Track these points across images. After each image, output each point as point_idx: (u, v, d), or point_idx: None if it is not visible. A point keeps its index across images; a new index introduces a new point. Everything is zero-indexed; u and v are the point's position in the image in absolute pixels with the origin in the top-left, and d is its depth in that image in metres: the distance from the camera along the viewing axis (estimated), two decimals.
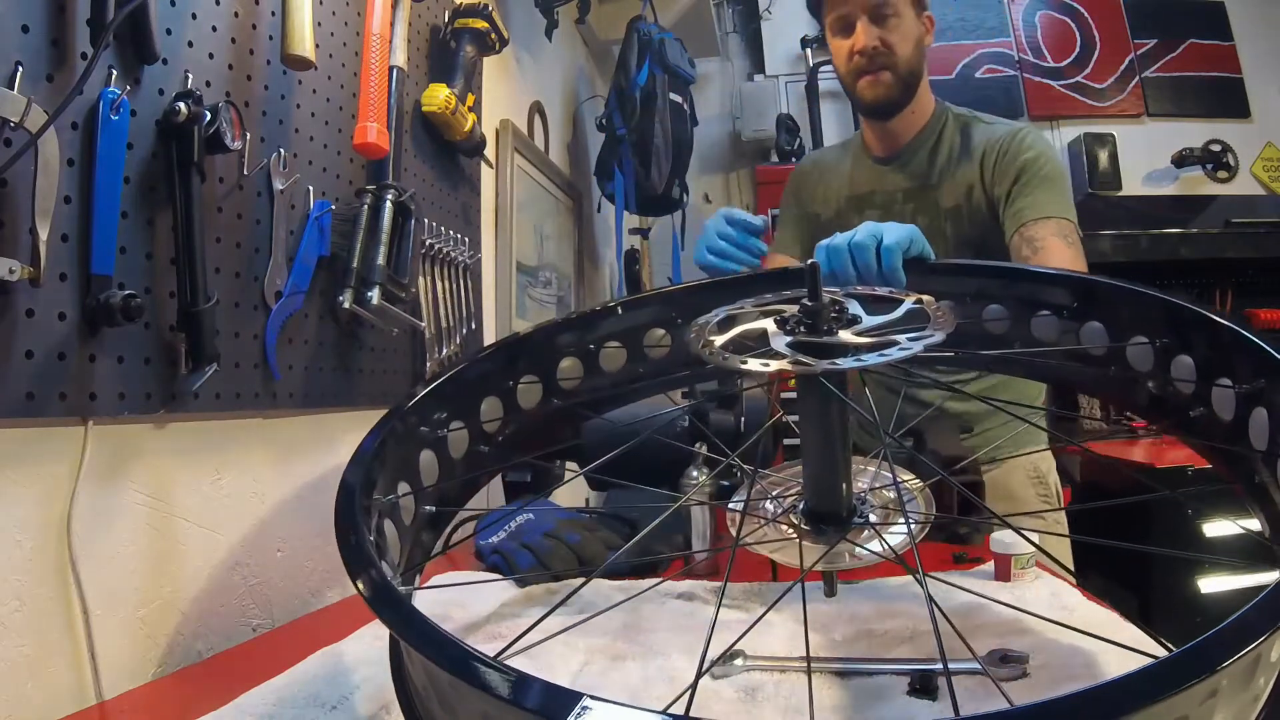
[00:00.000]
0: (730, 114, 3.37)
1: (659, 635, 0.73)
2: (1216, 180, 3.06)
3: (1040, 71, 3.16)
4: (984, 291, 0.74)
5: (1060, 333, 0.69)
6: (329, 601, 1.06)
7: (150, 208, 0.78)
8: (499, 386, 0.72)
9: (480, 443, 0.70)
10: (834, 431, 0.53)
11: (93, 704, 0.70)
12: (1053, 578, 0.87)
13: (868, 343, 0.50)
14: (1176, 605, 2.13)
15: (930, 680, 0.60)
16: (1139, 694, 0.27)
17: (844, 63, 1.27)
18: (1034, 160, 1.20)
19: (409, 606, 0.41)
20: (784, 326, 0.53)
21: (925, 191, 1.29)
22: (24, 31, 0.65)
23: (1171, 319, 0.60)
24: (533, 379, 0.74)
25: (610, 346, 0.77)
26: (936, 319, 0.54)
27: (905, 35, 1.23)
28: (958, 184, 1.26)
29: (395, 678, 0.50)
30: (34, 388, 0.66)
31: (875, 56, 1.23)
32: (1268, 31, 3.14)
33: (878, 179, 1.34)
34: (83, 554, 0.71)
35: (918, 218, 1.22)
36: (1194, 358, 0.58)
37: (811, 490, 0.56)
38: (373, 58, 1.09)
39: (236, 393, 0.90)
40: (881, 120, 1.31)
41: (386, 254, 1.08)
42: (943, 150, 1.29)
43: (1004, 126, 1.27)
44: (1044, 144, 1.24)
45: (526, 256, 1.96)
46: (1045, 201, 1.17)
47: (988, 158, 1.24)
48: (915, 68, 1.26)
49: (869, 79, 1.24)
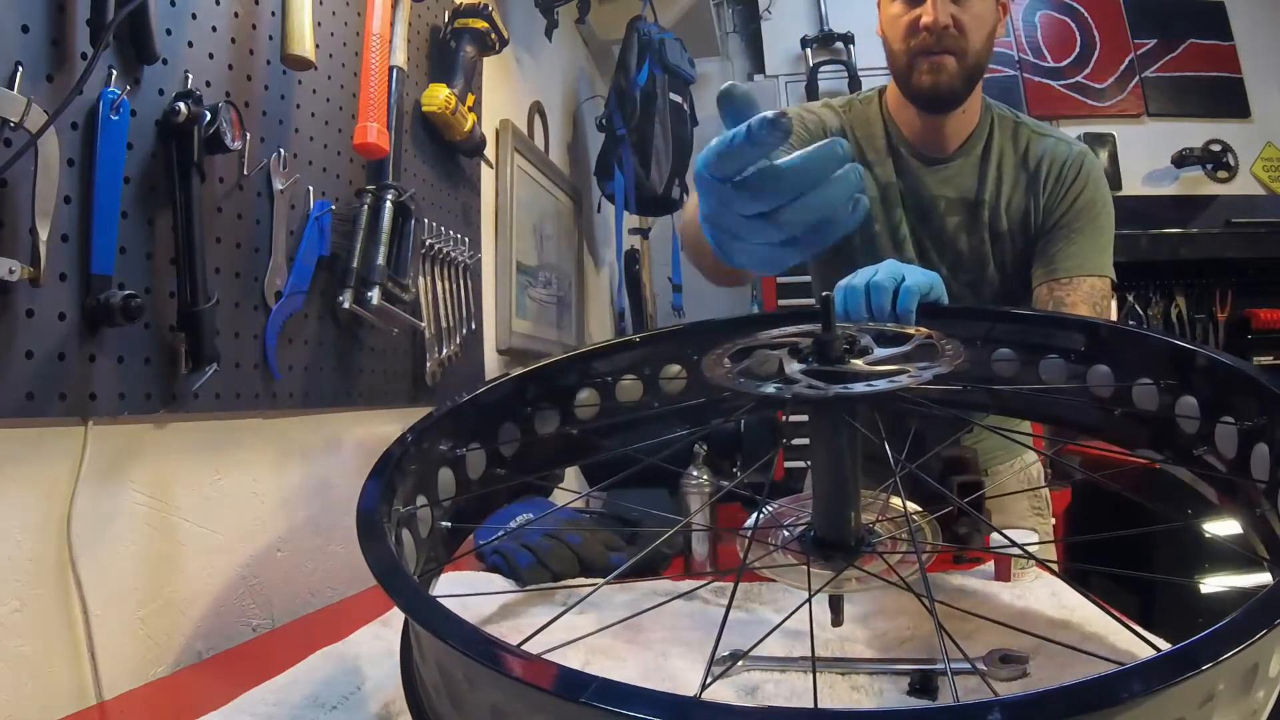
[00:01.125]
0: None
1: (659, 635, 0.74)
2: (1216, 180, 3.06)
3: (1040, 71, 3.16)
4: (993, 335, 0.74)
5: (1068, 375, 0.70)
6: (329, 601, 1.06)
7: (150, 208, 0.78)
8: (516, 413, 0.73)
9: (497, 465, 0.71)
10: (844, 459, 0.53)
11: (93, 704, 0.70)
12: (1053, 578, 0.88)
13: (879, 370, 0.51)
14: (1177, 608, 2.13)
15: (930, 680, 0.61)
16: (1131, 689, 0.28)
17: (901, 38, 1.07)
18: (1092, 202, 1.09)
19: (425, 594, 0.42)
20: (797, 356, 0.54)
21: (975, 208, 1.13)
22: (24, 31, 0.65)
23: (1176, 360, 0.61)
24: (549, 406, 0.75)
25: (627, 380, 0.78)
26: (945, 353, 0.55)
27: (981, 19, 1.06)
28: (1014, 208, 1.12)
29: (404, 676, 0.50)
30: (34, 388, 0.66)
31: (944, 37, 1.04)
32: (1268, 31, 3.14)
33: (920, 179, 1.15)
34: (83, 554, 0.71)
35: (961, 236, 1.14)
36: (1197, 397, 0.59)
37: (821, 517, 0.56)
38: (373, 58, 1.09)
39: (236, 393, 0.90)
40: (934, 113, 1.12)
41: (386, 254, 1.08)
42: (992, 160, 1.13)
43: (1065, 146, 1.13)
44: (1103, 179, 1.12)
45: (526, 256, 1.96)
46: (1088, 253, 1.08)
47: (1048, 180, 1.10)
48: (983, 60, 1.09)
49: (931, 61, 1.06)
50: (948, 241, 1.16)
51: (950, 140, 1.14)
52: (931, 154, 1.15)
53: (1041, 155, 1.12)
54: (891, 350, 0.55)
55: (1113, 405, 0.66)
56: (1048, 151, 1.12)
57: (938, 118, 1.12)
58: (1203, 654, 0.29)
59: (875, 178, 1.16)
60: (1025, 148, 1.14)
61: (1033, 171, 1.12)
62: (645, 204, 2.39)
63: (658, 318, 3.02)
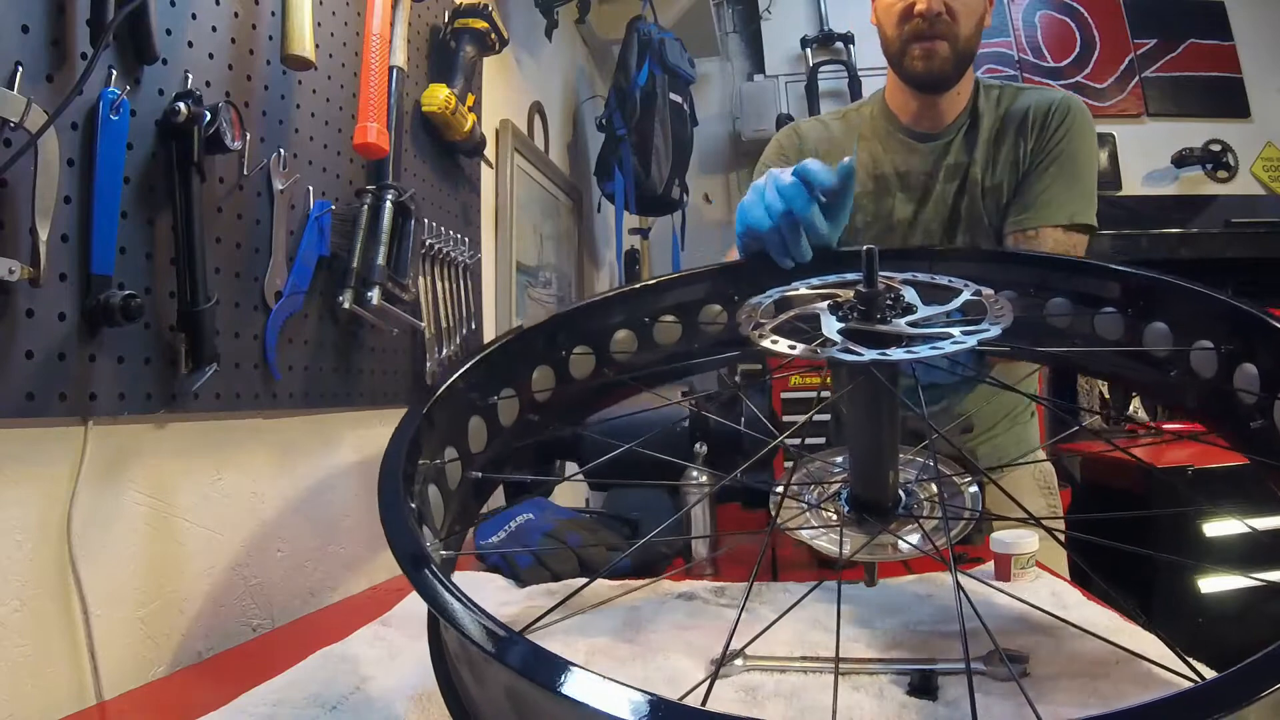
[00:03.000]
0: (730, 114, 3.37)
1: (660, 635, 0.73)
2: (1216, 180, 3.06)
3: (1040, 71, 3.16)
4: (1047, 283, 0.70)
5: (1124, 330, 0.66)
6: (329, 601, 1.06)
7: (150, 208, 0.78)
8: (552, 356, 0.72)
9: (530, 411, 0.70)
10: (882, 420, 0.52)
11: (93, 704, 0.70)
12: (1053, 578, 0.88)
13: (921, 334, 0.49)
14: (1178, 606, 2.12)
15: (930, 680, 0.60)
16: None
17: (895, 24, 1.14)
18: (1072, 146, 1.12)
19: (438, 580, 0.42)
20: (837, 312, 0.52)
21: (968, 170, 1.18)
22: (24, 31, 0.65)
23: (1239, 324, 0.57)
24: (586, 350, 0.73)
25: (665, 321, 0.76)
26: (994, 312, 0.52)
27: (971, 6, 1.13)
28: (1003, 163, 1.17)
29: (433, 653, 0.51)
30: (34, 388, 0.66)
31: (936, 23, 1.11)
32: (1268, 31, 3.14)
33: (914, 157, 1.21)
34: (83, 554, 0.71)
35: (959, 198, 1.18)
36: (1258, 366, 0.55)
37: (857, 477, 0.55)
38: (373, 58, 1.09)
39: (236, 393, 0.90)
40: (928, 94, 1.18)
41: (386, 254, 1.08)
42: (982, 125, 1.18)
43: (1050, 94, 1.17)
44: (1088, 126, 1.15)
45: (526, 256, 1.96)
46: (1060, 199, 1.10)
47: (1034, 127, 1.15)
48: (972, 45, 1.15)
49: (924, 47, 1.12)
50: (944, 209, 1.20)
51: (945, 117, 1.20)
52: (926, 132, 1.21)
53: (1027, 106, 1.17)
54: (936, 309, 0.52)
55: (1168, 366, 0.61)
56: (1033, 102, 1.17)
57: (933, 98, 1.19)
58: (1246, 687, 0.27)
59: (875, 156, 1.22)
60: (1011, 104, 1.19)
61: (1019, 122, 1.16)
62: (645, 204, 2.39)
63: None
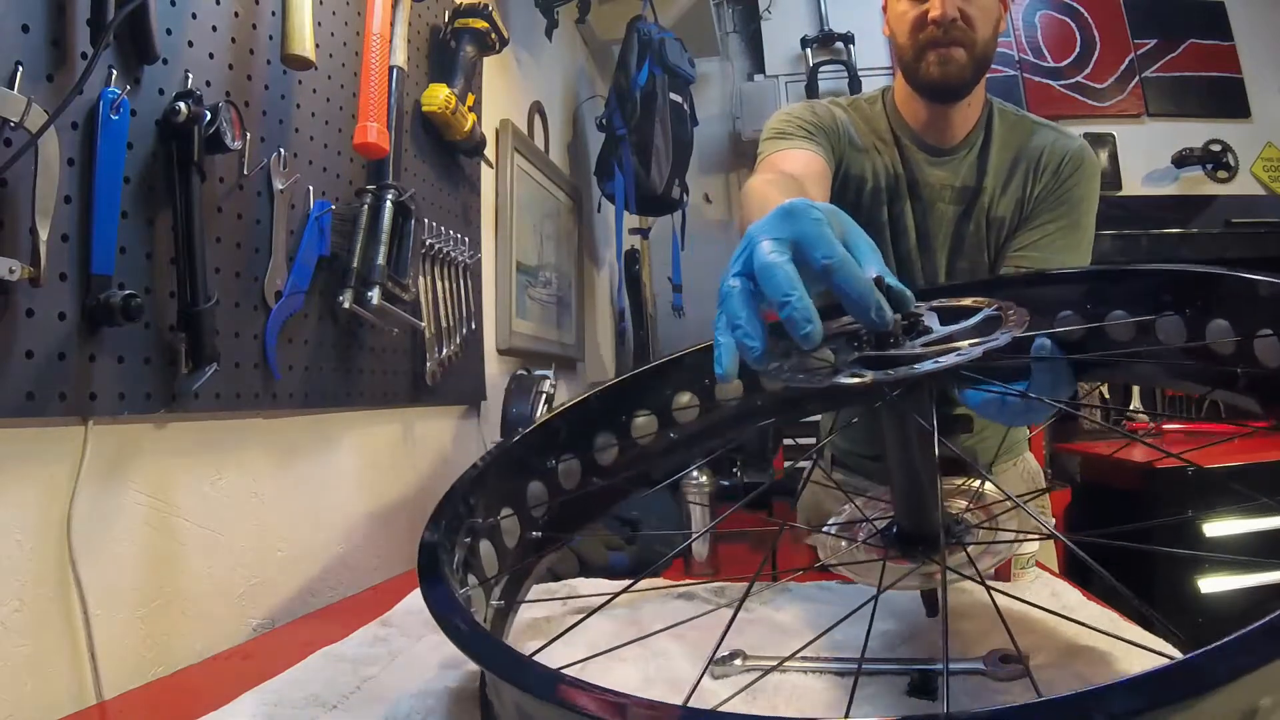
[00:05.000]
0: (730, 114, 3.37)
1: (660, 635, 0.73)
2: (1216, 180, 3.06)
3: (1040, 71, 3.16)
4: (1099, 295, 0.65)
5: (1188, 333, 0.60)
6: (329, 601, 1.06)
7: (150, 208, 0.78)
8: (612, 421, 0.72)
9: (592, 474, 0.71)
10: (911, 447, 0.50)
11: (93, 704, 0.70)
12: (1053, 578, 0.88)
13: (929, 351, 0.47)
14: (1178, 606, 2.13)
15: (930, 680, 0.60)
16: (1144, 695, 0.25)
17: (909, 32, 1.11)
18: (1078, 200, 1.11)
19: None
20: (854, 343, 0.51)
21: (975, 196, 1.16)
22: (24, 31, 0.65)
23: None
24: (646, 413, 0.73)
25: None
26: (1009, 322, 0.50)
27: (987, 11, 1.10)
28: (1010, 196, 1.15)
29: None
30: (34, 388, 0.66)
31: (952, 29, 1.08)
32: (1268, 31, 3.14)
33: (924, 170, 1.18)
34: (83, 554, 0.71)
35: (962, 224, 1.16)
36: None
37: (901, 510, 0.54)
38: (373, 58, 1.09)
39: (236, 393, 0.90)
40: (942, 104, 1.15)
41: (386, 254, 1.08)
42: (993, 149, 1.16)
43: (1067, 140, 1.16)
44: (1096, 180, 1.15)
45: (526, 256, 1.96)
46: (1061, 247, 1.10)
47: (1045, 172, 1.14)
48: (989, 51, 1.13)
49: (939, 54, 1.09)
50: (948, 229, 1.18)
51: (956, 131, 1.17)
52: (936, 145, 1.18)
53: (1044, 146, 1.15)
54: (952, 328, 0.50)
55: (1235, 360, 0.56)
56: (1049, 144, 1.15)
57: (945, 108, 1.15)
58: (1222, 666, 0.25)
59: (880, 168, 1.18)
60: (1028, 138, 1.17)
61: (1033, 161, 1.15)
62: (645, 204, 2.39)
63: (658, 318, 3.02)
